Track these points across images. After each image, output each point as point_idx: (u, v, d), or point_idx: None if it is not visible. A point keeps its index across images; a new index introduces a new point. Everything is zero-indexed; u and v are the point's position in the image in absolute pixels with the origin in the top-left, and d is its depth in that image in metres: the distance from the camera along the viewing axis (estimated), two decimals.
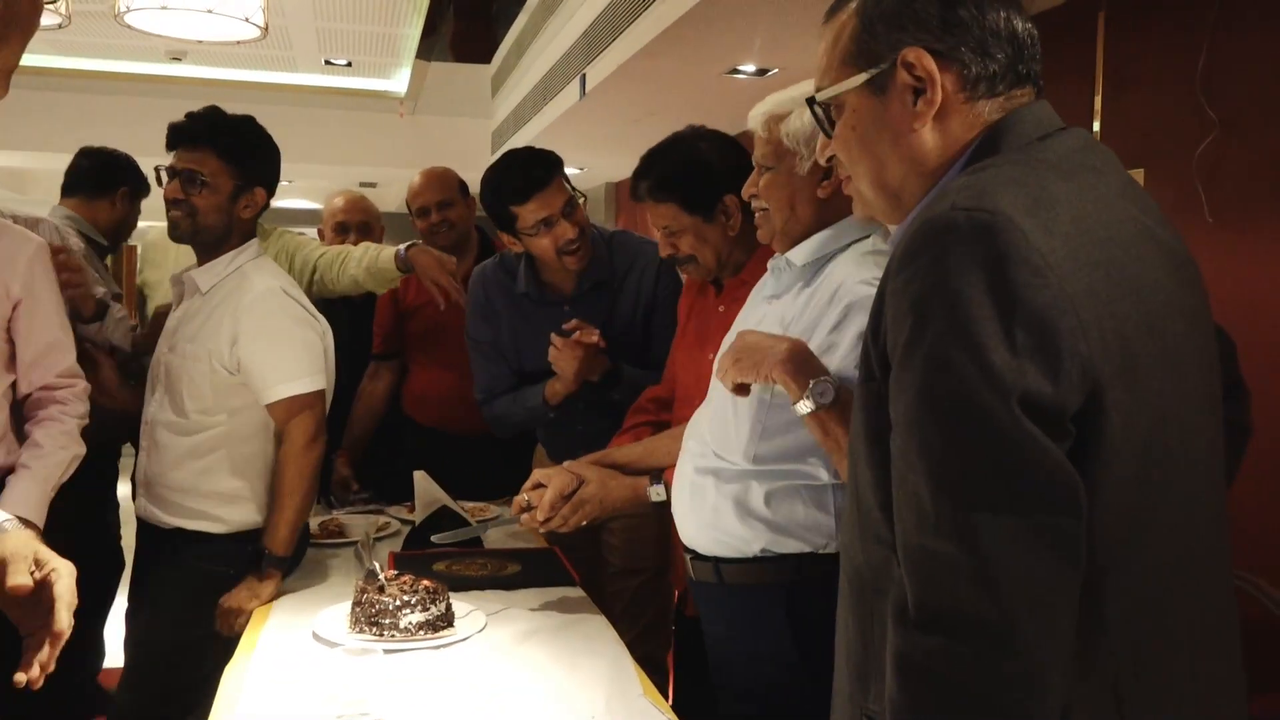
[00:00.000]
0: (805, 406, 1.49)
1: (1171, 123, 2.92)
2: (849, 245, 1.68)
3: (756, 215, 1.78)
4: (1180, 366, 1.02)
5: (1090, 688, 0.96)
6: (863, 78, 1.13)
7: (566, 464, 2.03)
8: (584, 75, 4.99)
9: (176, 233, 2.25)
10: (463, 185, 3.21)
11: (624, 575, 2.66)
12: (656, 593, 2.64)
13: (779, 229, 1.73)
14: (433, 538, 2.18)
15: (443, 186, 3.19)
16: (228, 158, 2.20)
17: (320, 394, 2.23)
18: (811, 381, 1.48)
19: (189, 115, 2.24)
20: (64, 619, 1.28)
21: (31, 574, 1.30)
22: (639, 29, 4.08)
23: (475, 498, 2.82)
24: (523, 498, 1.99)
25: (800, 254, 1.70)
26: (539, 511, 1.95)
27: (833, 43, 1.17)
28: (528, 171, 2.51)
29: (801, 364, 1.51)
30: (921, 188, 1.14)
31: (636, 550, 2.65)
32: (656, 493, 1.95)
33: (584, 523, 1.98)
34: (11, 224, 2.15)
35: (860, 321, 1.55)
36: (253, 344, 2.16)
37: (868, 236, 1.68)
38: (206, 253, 2.27)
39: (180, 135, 2.21)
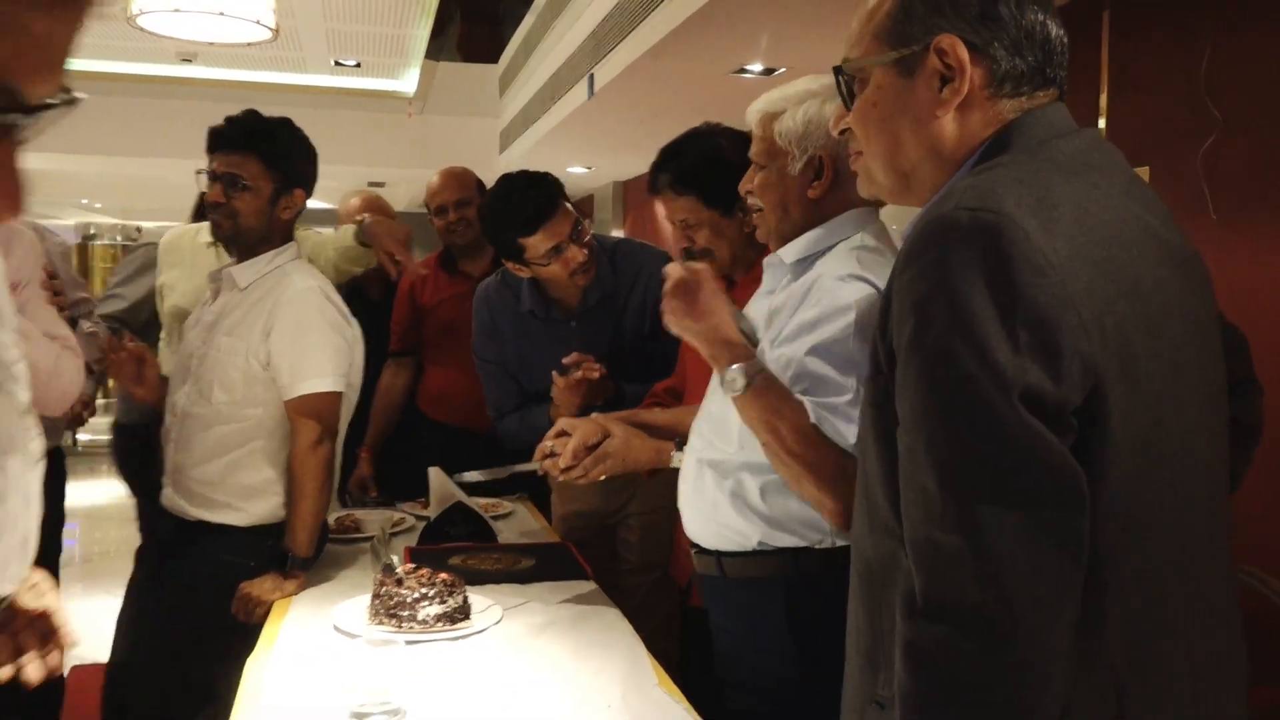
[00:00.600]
0: (725, 392, 1.54)
1: (1176, 121, 2.95)
2: (839, 242, 1.68)
3: (754, 215, 1.80)
4: (1181, 365, 1.03)
5: (1091, 681, 0.97)
6: (893, 56, 1.13)
7: (594, 415, 2.02)
8: (592, 75, 5.02)
9: (219, 233, 2.31)
10: (480, 185, 3.25)
11: (638, 572, 2.69)
12: (670, 589, 2.67)
13: (773, 228, 1.75)
14: (464, 476, 2.17)
15: (460, 186, 3.23)
16: (268, 161, 2.25)
17: (334, 396, 2.26)
18: (726, 370, 1.53)
19: (229, 120, 2.28)
20: (72, 630, 1.33)
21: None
22: (647, 29, 4.11)
23: (488, 494, 2.86)
24: (547, 444, 1.97)
25: (791, 251, 1.71)
26: (562, 459, 1.93)
27: (868, 15, 1.17)
28: (531, 201, 2.47)
29: (718, 349, 1.56)
30: (933, 175, 1.14)
31: (652, 547, 2.67)
32: (678, 458, 1.94)
33: (602, 477, 1.96)
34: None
35: (819, 315, 1.56)
36: (283, 338, 2.20)
37: (858, 233, 1.68)
38: (245, 253, 2.33)
39: (221, 139, 2.26)
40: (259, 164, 2.24)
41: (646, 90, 4.82)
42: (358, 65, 7.39)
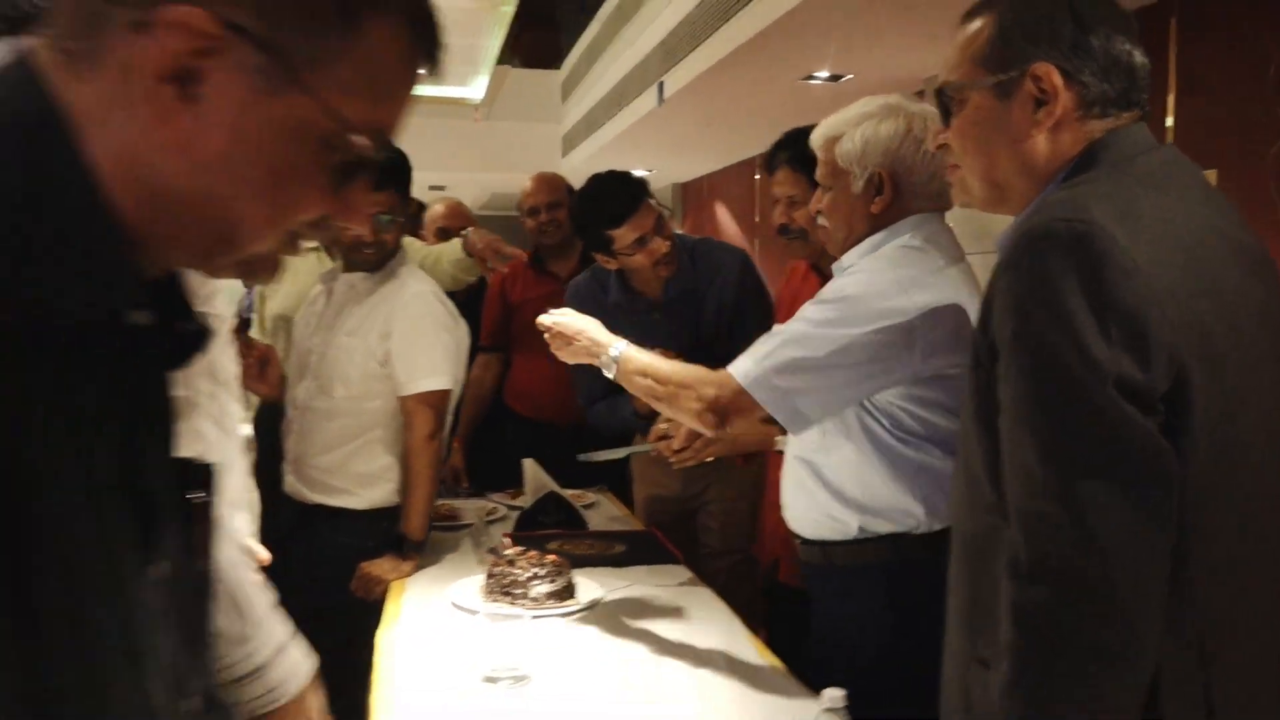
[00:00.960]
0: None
1: (1244, 125, 3.01)
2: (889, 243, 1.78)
3: (820, 231, 1.91)
4: (1257, 359, 1.14)
5: (1178, 645, 1.08)
6: (991, 81, 1.24)
7: None
8: (662, 83, 5.15)
9: (368, 265, 2.47)
10: (569, 188, 3.43)
11: (719, 556, 2.82)
12: (750, 572, 2.79)
13: (840, 243, 1.86)
14: (580, 457, 2.35)
15: (551, 189, 3.44)
16: (401, 191, 2.45)
17: (446, 393, 2.44)
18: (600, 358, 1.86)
19: None
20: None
21: None
22: (718, 40, 4.23)
23: (573, 485, 3.01)
24: (661, 426, 2.12)
25: (854, 254, 1.82)
26: (675, 441, 2.07)
27: (967, 41, 1.28)
28: (618, 196, 2.67)
29: (591, 355, 1.89)
30: (1026, 188, 1.26)
31: (732, 531, 2.81)
32: (782, 442, 2.04)
33: (710, 458, 2.11)
34: None
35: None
36: (401, 339, 2.38)
37: (908, 234, 1.77)
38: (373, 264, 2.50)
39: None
40: (397, 196, 2.43)
41: (716, 97, 4.93)
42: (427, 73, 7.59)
